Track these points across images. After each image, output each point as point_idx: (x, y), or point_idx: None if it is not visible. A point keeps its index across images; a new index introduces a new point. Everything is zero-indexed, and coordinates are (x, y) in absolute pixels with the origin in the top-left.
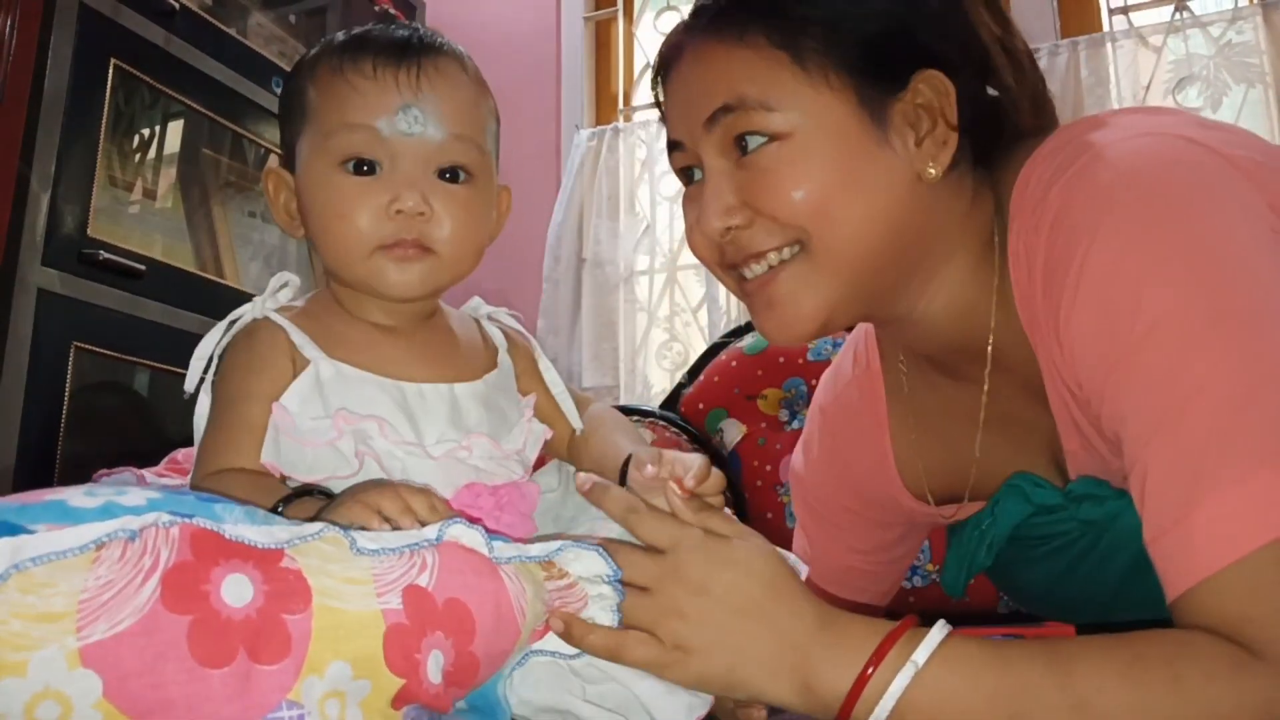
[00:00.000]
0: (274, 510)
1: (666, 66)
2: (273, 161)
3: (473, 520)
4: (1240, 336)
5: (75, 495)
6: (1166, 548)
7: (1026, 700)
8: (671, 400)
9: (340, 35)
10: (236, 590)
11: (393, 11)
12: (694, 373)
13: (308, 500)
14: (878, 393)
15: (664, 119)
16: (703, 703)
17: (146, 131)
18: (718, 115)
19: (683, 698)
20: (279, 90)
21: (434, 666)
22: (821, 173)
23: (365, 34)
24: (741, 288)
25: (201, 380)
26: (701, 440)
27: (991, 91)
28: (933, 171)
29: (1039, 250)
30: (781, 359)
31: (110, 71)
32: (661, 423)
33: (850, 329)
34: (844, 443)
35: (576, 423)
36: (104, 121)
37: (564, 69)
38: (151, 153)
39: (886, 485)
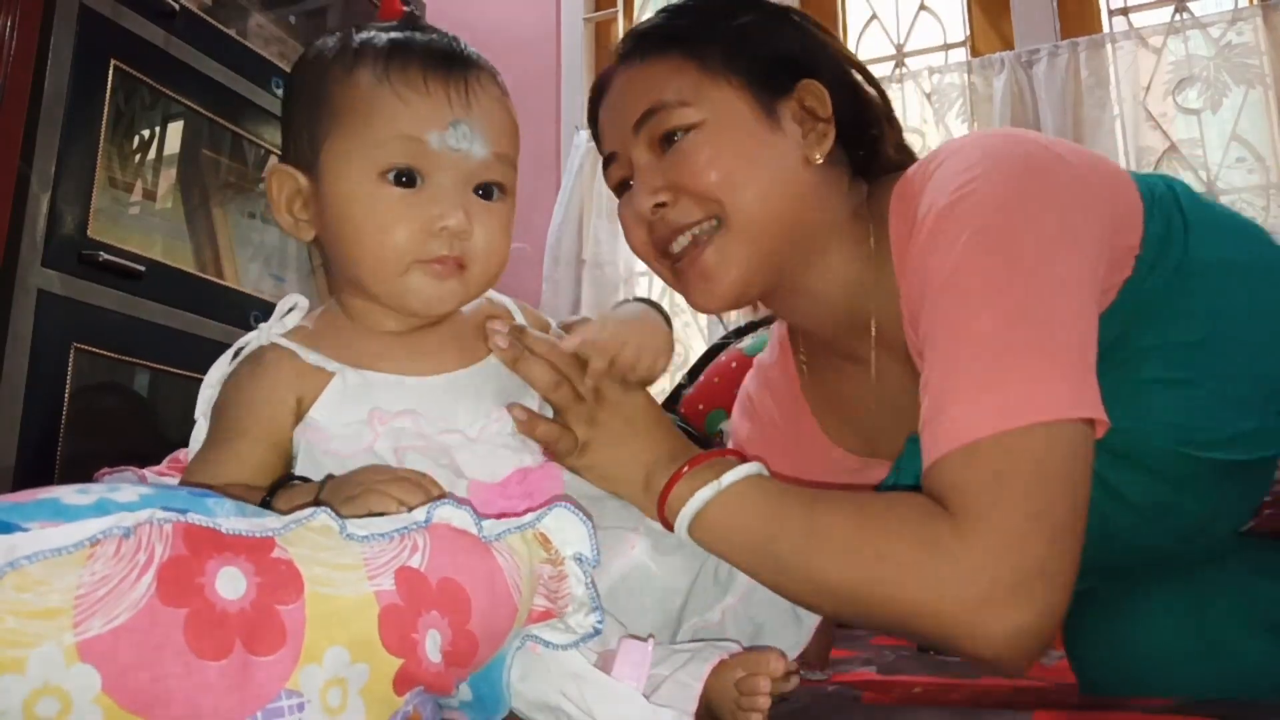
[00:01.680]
0: (263, 503)
1: (600, 94)
2: (275, 160)
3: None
4: (1011, 300)
5: (68, 493)
6: (926, 435)
7: (779, 524)
8: (671, 401)
9: (370, 35)
10: (230, 583)
11: (412, 11)
12: (694, 374)
13: (295, 489)
14: (792, 370)
15: (599, 142)
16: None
17: (146, 132)
18: (644, 118)
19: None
20: (279, 90)
21: (432, 646)
22: (729, 152)
23: (408, 41)
24: (673, 269)
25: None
26: (701, 441)
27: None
28: (818, 157)
29: (913, 222)
30: None
31: (110, 72)
32: None
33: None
34: (769, 415)
35: None
36: (104, 122)
37: (564, 69)
38: (151, 153)
39: (813, 444)
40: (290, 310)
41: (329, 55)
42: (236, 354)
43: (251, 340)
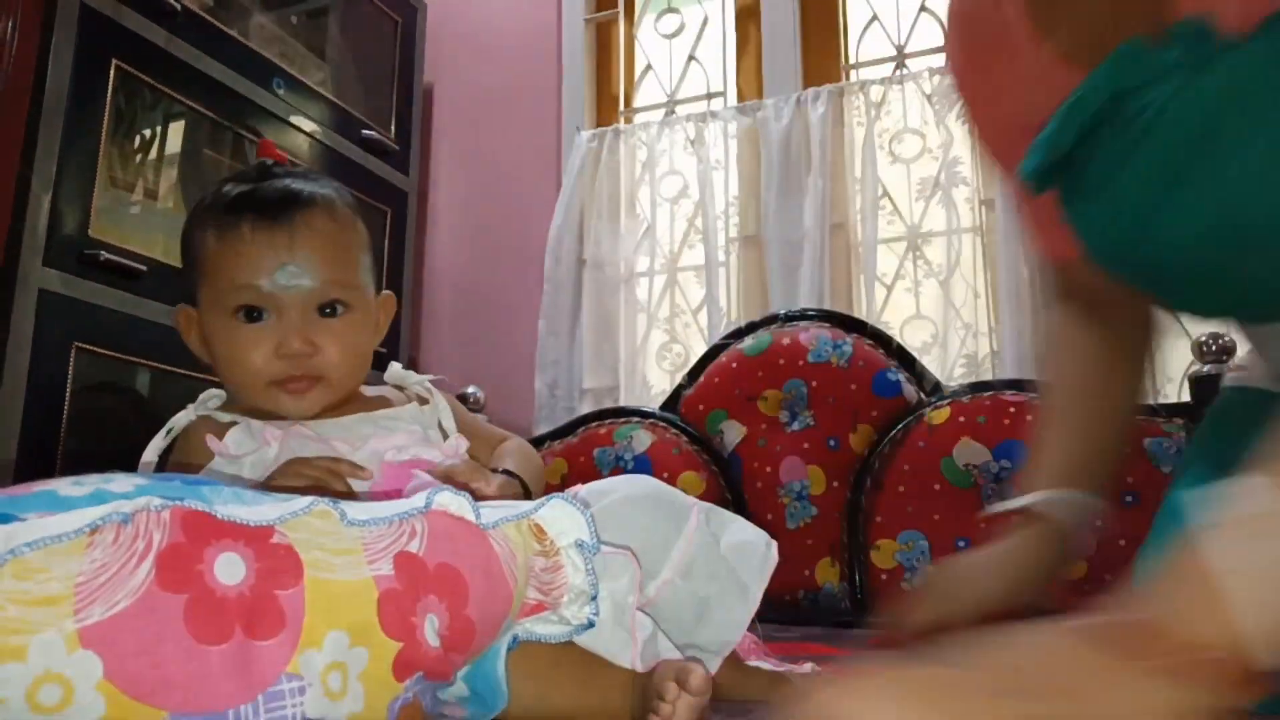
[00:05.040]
0: None
1: None
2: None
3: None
4: None
5: (64, 485)
6: None
7: None
8: (672, 402)
9: (224, 189)
10: (229, 568)
11: (274, 162)
12: (694, 374)
13: None
14: None
15: None
16: None
17: (148, 132)
18: None
19: None
20: (281, 90)
21: (430, 630)
22: None
23: (241, 200)
24: None
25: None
26: (701, 441)
27: None
28: None
29: None
30: (782, 361)
31: (112, 72)
32: (662, 424)
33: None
34: (986, 37)
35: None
36: (105, 122)
37: (564, 70)
38: (152, 153)
39: (1019, 47)
40: (211, 399)
41: (195, 212)
42: (168, 433)
43: (179, 420)
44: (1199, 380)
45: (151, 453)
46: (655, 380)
